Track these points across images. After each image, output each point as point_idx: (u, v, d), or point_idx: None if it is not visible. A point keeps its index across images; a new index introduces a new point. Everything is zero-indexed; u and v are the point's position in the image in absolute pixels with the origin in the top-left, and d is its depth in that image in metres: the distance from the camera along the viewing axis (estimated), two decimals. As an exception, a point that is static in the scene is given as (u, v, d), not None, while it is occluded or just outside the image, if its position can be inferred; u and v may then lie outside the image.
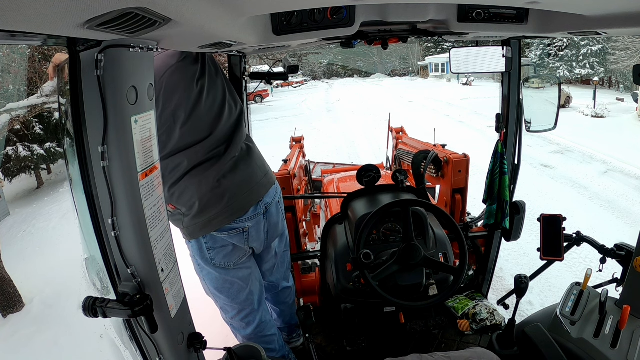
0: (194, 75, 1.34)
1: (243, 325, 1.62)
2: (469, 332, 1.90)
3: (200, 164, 1.38)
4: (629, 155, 7.28)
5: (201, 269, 1.51)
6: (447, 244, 1.66)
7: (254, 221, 1.49)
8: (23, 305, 3.94)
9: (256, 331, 1.63)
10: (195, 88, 1.35)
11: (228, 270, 1.50)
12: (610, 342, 1.18)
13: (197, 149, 1.37)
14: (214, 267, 1.49)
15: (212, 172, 1.40)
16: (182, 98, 1.32)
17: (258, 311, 1.62)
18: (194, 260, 1.51)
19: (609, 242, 1.54)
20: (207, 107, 1.39)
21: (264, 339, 1.65)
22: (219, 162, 1.41)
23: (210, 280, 1.52)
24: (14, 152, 7.90)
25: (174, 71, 1.31)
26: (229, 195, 1.42)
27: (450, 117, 13.00)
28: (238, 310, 1.59)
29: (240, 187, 1.45)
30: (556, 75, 4.69)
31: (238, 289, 1.54)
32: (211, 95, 1.40)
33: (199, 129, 1.37)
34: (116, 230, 0.80)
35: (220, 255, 1.47)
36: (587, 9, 0.97)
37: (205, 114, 1.38)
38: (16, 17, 0.46)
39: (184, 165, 1.36)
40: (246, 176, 1.48)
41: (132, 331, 0.91)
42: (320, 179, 3.88)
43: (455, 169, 2.25)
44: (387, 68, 46.55)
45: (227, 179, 1.42)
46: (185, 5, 0.63)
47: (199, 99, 1.36)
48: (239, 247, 1.49)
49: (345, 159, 6.91)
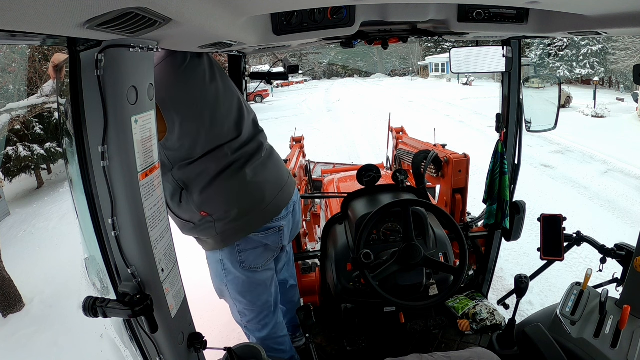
0: (204, 77, 1.33)
1: (259, 328, 1.59)
2: (469, 332, 1.90)
3: (230, 166, 1.35)
4: (629, 155, 7.27)
5: (227, 274, 1.46)
6: (447, 243, 1.65)
7: (286, 220, 1.49)
8: (23, 305, 3.95)
9: (271, 333, 1.61)
10: (211, 88, 1.34)
11: (255, 273, 1.48)
12: (611, 342, 1.18)
13: (224, 151, 1.34)
14: (243, 270, 1.45)
15: (245, 173, 1.37)
16: (201, 100, 1.30)
17: (274, 313, 1.61)
18: (220, 264, 1.46)
19: (609, 242, 1.54)
20: (227, 107, 1.37)
21: (277, 340, 1.64)
22: (249, 162, 1.39)
23: (236, 285, 1.48)
24: (14, 152, 7.91)
25: (183, 75, 1.29)
26: (267, 195, 1.41)
27: (451, 117, 12.99)
28: (257, 313, 1.56)
29: (275, 186, 1.45)
30: (556, 75, 4.68)
31: (261, 292, 1.52)
32: (228, 96, 1.39)
33: (224, 131, 1.35)
34: (116, 230, 0.80)
35: (251, 257, 1.44)
36: (587, 9, 0.97)
37: (226, 115, 1.36)
38: (16, 17, 0.46)
39: (212, 168, 1.32)
40: (277, 175, 1.48)
41: (132, 331, 0.91)
42: (321, 179, 3.88)
43: (455, 169, 2.25)
44: (387, 68, 46.55)
45: (261, 179, 1.41)
46: (185, 5, 0.63)
47: (217, 99, 1.34)
48: (270, 247, 1.48)
49: (345, 159, 6.90)
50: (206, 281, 1.56)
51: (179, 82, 1.27)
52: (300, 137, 3.95)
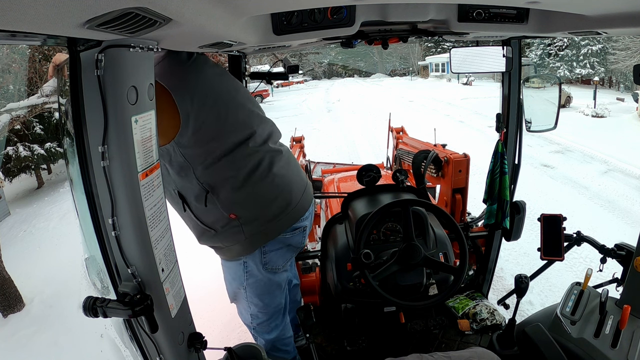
0: (214, 69, 1.32)
1: (268, 330, 1.58)
2: (469, 332, 1.90)
3: (259, 166, 1.32)
4: (630, 155, 7.27)
5: (249, 276, 1.43)
6: (448, 243, 1.65)
7: (309, 220, 1.49)
8: (23, 305, 3.95)
9: (279, 335, 1.60)
10: (222, 80, 1.32)
11: (275, 274, 1.46)
12: (611, 342, 1.18)
13: (249, 150, 1.31)
14: (266, 272, 1.42)
15: (274, 174, 1.34)
16: (213, 89, 1.27)
17: (284, 315, 1.60)
18: (242, 267, 1.41)
19: (609, 242, 1.54)
20: (240, 101, 1.35)
21: (284, 342, 1.63)
22: (275, 162, 1.36)
23: (256, 287, 1.45)
24: (14, 152, 7.91)
25: (194, 65, 1.27)
26: (294, 195, 1.39)
27: (451, 117, 12.99)
28: (270, 315, 1.54)
29: (299, 186, 1.43)
30: (556, 75, 4.69)
31: (277, 294, 1.51)
32: (240, 90, 1.37)
33: (240, 125, 1.31)
34: (116, 230, 0.80)
35: (274, 259, 1.42)
36: (587, 8, 0.97)
37: (241, 108, 1.33)
38: (16, 17, 0.46)
39: (241, 169, 1.29)
40: (299, 174, 1.47)
41: (133, 331, 0.91)
42: (321, 179, 3.87)
43: (455, 168, 2.25)
44: (387, 68, 46.55)
45: (288, 180, 1.39)
46: (185, 5, 0.63)
47: (229, 91, 1.32)
48: (292, 248, 1.47)
49: (345, 158, 6.90)
50: (206, 281, 1.56)
51: (190, 71, 1.24)
52: (300, 137, 3.95)
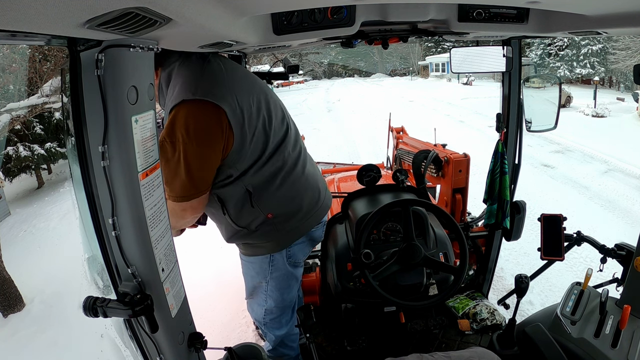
0: (245, 73, 1.34)
1: (279, 326, 1.59)
2: (469, 332, 1.90)
3: (296, 165, 1.36)
4: (630, 155, 7.26)
5: (274, 270, 1.44)
6: (448, 243, 1.65)
7: (327, 214, 1.54)
8: (23, 305, 3.95)
9: (289, 331, 1.61)
10: (255, 79, 1.35)
11: (296, 268, 1.49)
12: (611, 342, 1.18)
13: (288, 149, 1.33)
14: (289, 266, 1.45)
15: (308, 171, 1.40)
16: (252, 88, 1.28)
17: (293, 311, 1.61)
18: (268, 260, 1.43)
19: (609, 242, 1.54)
20: (273, 98, 1.36)
21: (291, 338, 1.64)
22: (306, 160, 1.43)
23: (279, 281, 1.46)
24: (15, 152, 7.92)
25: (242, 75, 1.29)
26: (321, 192, 1.45)
27: (451, 117, 12.99)
28: (283, 309, 1.55)
29: (324, 183, 1.51)
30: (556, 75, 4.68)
31: (294, 287, 1.54)
32: (264, 87, 1.38)
33: (279, 123, 1.33)
34: (116, 230, 0.80)
35: (297, 252, 1.46)
36: (587, 8, 0.97)
37: (275, 106, 1.35)
38: (17, 17, 0.46)
39: (282, 168, 1.31)
40: (319, 172, 1.54)
41: (133, 331, 0.91)
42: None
43: (455, 168, 2.25)
44: (388, 68, 46.58)
45: (316, 177, 1.46)
46: (185, 5, 0.63)
47: (263, 89, 1.34)
48: (314, 241, 1.52)
49: (345, 158, 6.90)
50: (206, 281, 1.56)
51: (227, 74, 1.23)
52: None
